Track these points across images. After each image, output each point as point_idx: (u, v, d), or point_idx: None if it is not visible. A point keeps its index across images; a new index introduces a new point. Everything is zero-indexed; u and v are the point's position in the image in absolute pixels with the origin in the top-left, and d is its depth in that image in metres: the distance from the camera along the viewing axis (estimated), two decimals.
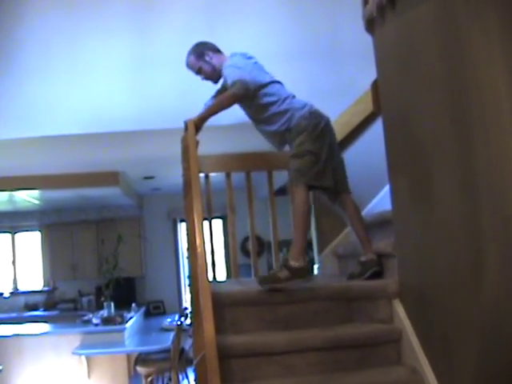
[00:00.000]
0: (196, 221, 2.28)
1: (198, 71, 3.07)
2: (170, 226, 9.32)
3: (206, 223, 2.90)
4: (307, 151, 2.72)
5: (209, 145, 3.10)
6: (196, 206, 2.32)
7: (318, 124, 2.79)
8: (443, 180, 1.90)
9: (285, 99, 2.87)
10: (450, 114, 1.82)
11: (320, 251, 3.56)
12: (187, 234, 2.51)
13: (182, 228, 9.31)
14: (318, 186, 2.77)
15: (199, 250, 2.17)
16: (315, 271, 3.59)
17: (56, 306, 8.93)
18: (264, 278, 2.54)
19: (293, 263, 2.55)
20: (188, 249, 2.50)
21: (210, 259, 3.31)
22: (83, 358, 6.07)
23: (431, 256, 2.07)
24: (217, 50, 3.08)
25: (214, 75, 3.05)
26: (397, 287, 2.40)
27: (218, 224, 9.23)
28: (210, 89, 3.15)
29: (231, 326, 2.42)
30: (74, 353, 5.93)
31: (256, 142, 3.14)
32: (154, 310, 8.84)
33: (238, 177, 3.47)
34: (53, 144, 4.89)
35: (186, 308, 6.86)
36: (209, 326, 2.01)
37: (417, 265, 2.23)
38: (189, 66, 3.09)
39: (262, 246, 8.61)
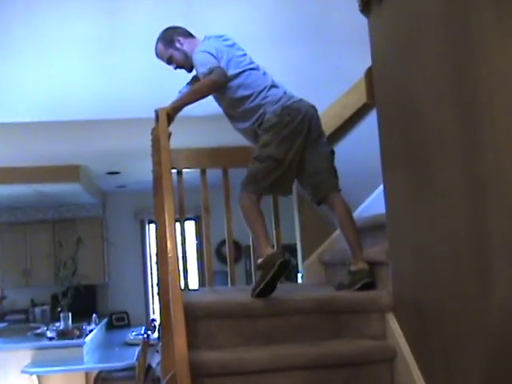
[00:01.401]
0: (167, 222, 2.27)
1: (169, 60, 3.05)
2: (136, 227, 9.28)
3: (177, 225, 2.89)
4: (269, 157, 2.75)
5: (182, 137, 3.09)
6: (167, 206, 2.31)
7: (290, 121, 2.80)
8: (446, 177, 1.89)
9: (260, 92, 2.88)
10: (456, 105, 1.81)
11: (304, 258, 3.57)
12: (157, 237, 2.51)
13: (151, 230, 9.28)
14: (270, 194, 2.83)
15: (170, 254, 2.17)
16: (299, 280, 3.61)
17: (4, 317, 8.79)
18: (253, 291, 2.55)
19: (259, 261, 2.58)
20: (157, 253, 2.50)
21: (182, 265, 3.32)
22: (34, 377, 5.97)
23: (430, 263, 2.06)
24: (188, 35, 3.06)
25: (186, 63, 3.04)
26: (390, 299, 2.40)
27: (190, 226, 9.21)
28: (185, 75, 3.13)
29: (205, 340, 2.41)
30: (23, 371, 5.83)
31: (235, 136, 3.15)
32: (118, 322, 8.79)
33: (214, 174, 3.47)
34: (4, 133, 4.80)
35: (153, 320, 6.83)
36: (180, 341, 1.99)
37: (414, 274, 2.22)
38: (158, 55, 3.07)
39: (240, 251, 8.64)
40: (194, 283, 8.75)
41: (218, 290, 3.28)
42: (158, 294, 2.41)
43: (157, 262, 2.54)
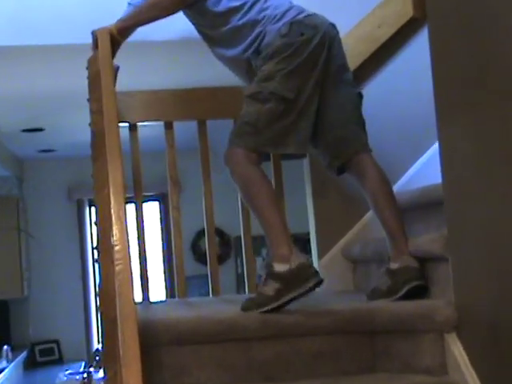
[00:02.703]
0: (113, 201, 2.26)
1: None
2: (71, 211, 9.27)
3: (131, 207, 2.88)
4: (273, 94, 2.75)
5: (136, 73, 3.06)
6: (113, 177, 2.31)
7: (304, 44, 2.80)
8: None
9: (255, 3, 2.90)
10: None
11: (322, 253, 3.61)
12: (97, 224, 2.51)
13: (93, 215, 9.28)
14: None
15: (118, 248, 2.15)
16: None
17: None
18: (246, 305, 2.60)
19: (278, 267, 2.58)
20: (99, 248, 2.49)
21: (139, 266, 3.34)
22: None
23: None
24: None
25: None
26: (452, 313, 2.41)
27: (153, 209, 9.21)
28: None
29: (173, 379, 2.42)
30: None
31: (217, 70, 3.14)
32: (44, 357, 8.82)
33: (185, 129, 3.48)
34: None
35: (97, 351, 6.85)
36: (132, 380, 1.97)
37: (488, 274, 2.23)
38: None
39: (228, 244, 8.66)
40: (158, 293, 8.77)
41: (193, 302, 3.31)
42: (99, 308, 2.41)
43: (98, 261, 2.54)
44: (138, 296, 3.25)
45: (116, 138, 2.41)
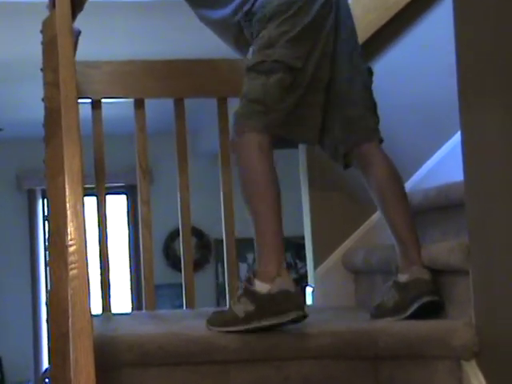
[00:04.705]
0: (68, 193, 2.24)
1: None
2: (21, 203, 9.28)
3: (91, 200, 2.86)
4: (278, 62, 2.73)
5: (102, 41, 3.03)
6: (69, 163, 2.28)
7: (309, 2, 2.79)
8: None
9: None
10: None
11: (318, 261, 3.60)
12: (49, 220, 2.48)
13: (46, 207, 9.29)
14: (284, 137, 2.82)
15: (74, 249, 2.13)
16: (308, 299, 3.64)
17: None
18: (212, 319, 2.62)
19: (258, 285, 2.56)
20: (50, 249, 2.47)
21: (100, 271, 3.35)
22: None
23: None
24: None
25: None
26: (472, 337, 2.41)
27: (120, 203, 9.21)
28: None
29: None
30: None
31: (197, 38, 3.12)
32: None
33: (159, 109, 3.54)
34: None
35: (47, 371, 6.84)
36: None
37: None
38: None
39: (207, 248, 8.66)
40: (123, 303, 8.77)
41: (163, 315, 3.31)
42: (48, 320, 2.38)
43: (48, 264, 2.50)
44: (97, 306, 3.24)
45: (74, 117, 2.39)
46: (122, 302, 8.62)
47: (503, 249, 2.27)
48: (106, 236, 3.39)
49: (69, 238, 2.18)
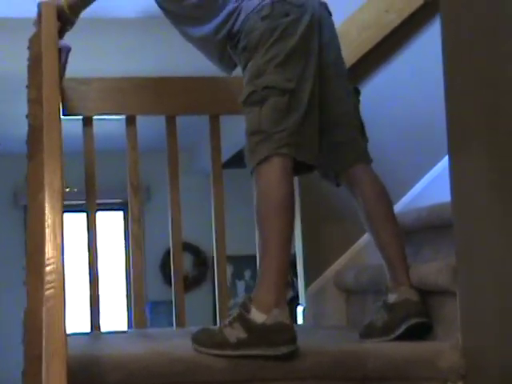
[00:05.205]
0: (48, 210, 2.21)
1: None
2: (17, 219, 9.25)
3: (82, 217, 2.85)
4: (269, 88, 2.71)
5: (94, 57, 3.03)
6: (49, 180, 2.27)
7: (293, 24, 2.77)
8: None
9: None
10: None
11: (309, 280, 3.61)
12: (27, 237, 2.51)
13: None
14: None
15: (50, 268, 2.10)
16: (299, 318, 3.64)
17: None
18: (199, 337, 2.58)
19: (254, 313, 2.54)
20: (27, 267, 2.50)
21: (89, 287, 3.34)
22: None
23: None
24: None
25: None
26: (459, 359, 2.41)
27: (116, 220, 9.20)
28: None
29: None
30: None
31: (190, 55, 3.15)
32: None
33: (157, 126, 3.51)
34: None
35: None
36: None
37: (503, 313, 2.23)
38: None
39: (205, 264, 8.62)
40: (119, 321, 8.74)
41: (152, 334, 3.29)
42: (24, 341, 2.39)
43: (25, 283, 2.53)
44: (85, 325, 3.24)
45: (57, 134, 2.38)
46: (118, 320, 8.59)
47: (490, 270, 2.27)
48: (95, 252, 3.37)
49: (46, 257, 2.14)
